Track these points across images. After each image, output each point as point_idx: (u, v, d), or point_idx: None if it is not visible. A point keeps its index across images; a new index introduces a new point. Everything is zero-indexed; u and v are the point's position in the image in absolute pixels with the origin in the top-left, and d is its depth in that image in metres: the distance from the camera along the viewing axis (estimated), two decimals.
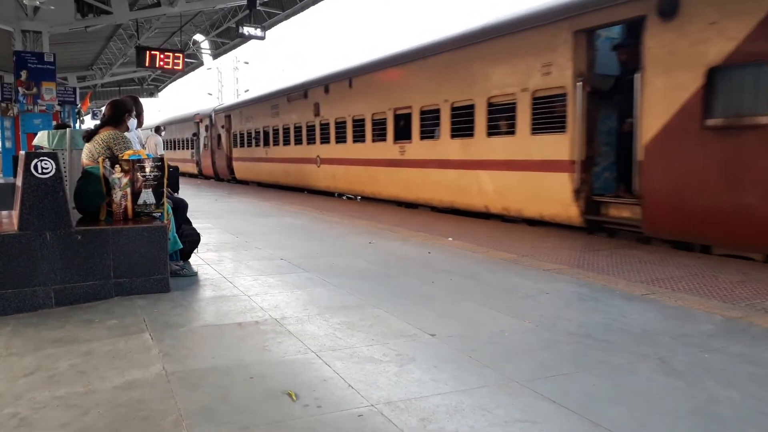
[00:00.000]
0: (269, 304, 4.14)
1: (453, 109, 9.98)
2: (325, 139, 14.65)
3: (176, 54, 15.44)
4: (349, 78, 13.53)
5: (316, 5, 16.90)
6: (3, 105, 18.16)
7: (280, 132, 17.51)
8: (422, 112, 10.84)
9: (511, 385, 2.71)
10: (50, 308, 4.00)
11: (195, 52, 24.50)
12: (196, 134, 26.02)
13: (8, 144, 17.11)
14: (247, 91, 47.02)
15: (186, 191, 14.05)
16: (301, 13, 17.60)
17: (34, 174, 3.97)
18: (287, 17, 17.80)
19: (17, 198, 4.12)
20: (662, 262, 5.80)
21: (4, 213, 5.10)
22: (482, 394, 2.60)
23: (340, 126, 13.89)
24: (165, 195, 4.61)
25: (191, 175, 27.36)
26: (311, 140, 15.43)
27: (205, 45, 23.61)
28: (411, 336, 3.41)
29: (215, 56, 24.80)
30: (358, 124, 13.05)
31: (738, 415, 2.42)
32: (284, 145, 17.31)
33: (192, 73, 30.65)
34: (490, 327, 3.62)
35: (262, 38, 15.25)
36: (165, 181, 4.59)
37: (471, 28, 9.92)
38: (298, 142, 16.28)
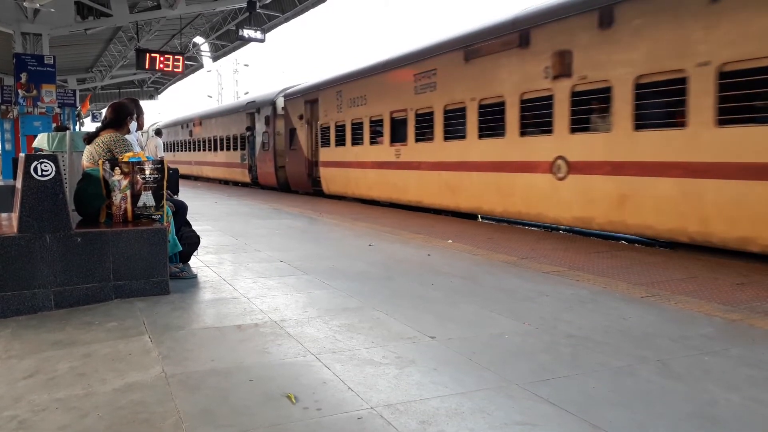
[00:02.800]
0: (269, 306, 4.14)
1: None
2: (580, 125, 7.57)
3: (176, 56, 15.49)
4: None
5: (315, 8, 16.94)
6: (3, 107, 18.19)
7: (437, 117, 10.27)
8: None
9: (511, 387, 2.71)
10: (50, 310, 3.99)
11: (195, 55, 24.55)
12: (251, 129, 19.50)
13: (8, 146, 17.14)
14: (247, 93, 46.97)
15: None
16: (301, 16, 17.62)
17: (33, 176, 3.97)
18: (287, 20, 17.84)
19: (17, 200, 4.12)
20: (662, 264, 5.80)
21: (4, 215, 5.09)
22: (482, 397, 2.60)
23: (662, 90, 6.63)
24: (165, 197, 4.61)
25: (242, 185, 20.99)
26: (536, 128, 8.30)
27: (204, 47, 23.66)
28: (411, 338, 3.41)
29: (215, 59, 24.85)
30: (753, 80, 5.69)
31: (738, 418, 2.42)
32: (448, 139, 10.09)
33: (192, 76, 30.73)
34: (490, 329, 3.62)
35: (261, 41, 15.30)
36: (165, 183, 4.59)
37: None
38: (491, 132, 9.15)
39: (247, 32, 14.98)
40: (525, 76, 8.39)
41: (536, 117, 8.30)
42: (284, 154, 17.31)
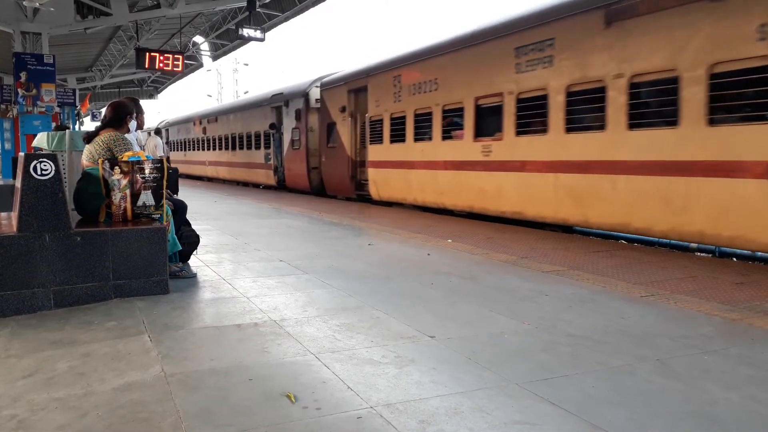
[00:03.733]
0: (268, 305, 4.14)
1: None
2: None
3: (176, 55, 15.47)
4: None
5: (315, 7, 16.93)
6: (2, 106, 18.18)
7: (554, 103, 7.77)
8: None
9: (510, 386, 2.71)
10: (49, 310, 3.99)
11: (194, 54, 24.54)
12: (276, 126, 17.54)
13: (8, 145, 17.12)
14: (247, 92, 46.97)
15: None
16: (301, 15, 17.57)
17: (33, 175, 3.97)
18: (287, 19, 17.84)
19: (16, 199, 4.12)
20: (662, 263, 5.80)
21: (4, 215, 5.09)
22: (481, 396, 2.60)
23: None
24: (164, 196, 4.61)
25: (264, 187, 19.05)
26: (739, 114, 5.99)
27: (204, 47, 23.65)
28: (410, 338, 3.41)
29: (215, 58, 24.86)
30: None
31: (737, 417, 2.42)
32: (573, 131, 7.63)
33: (191, 75, 30.76)
34: (490, 329, 3.62)
35: (261, 40, 15.27)
36: (164, 182, 4.59)
37: None
38: (652, 121, 6.82)
39: (246, 31, 14.95)
40: (719, 39, 5.96)
41: (739, 98, 5.99)
42: (318, 153, 15.42)
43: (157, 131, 17.01)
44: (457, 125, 9.85)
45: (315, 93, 15.60)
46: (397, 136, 11.54)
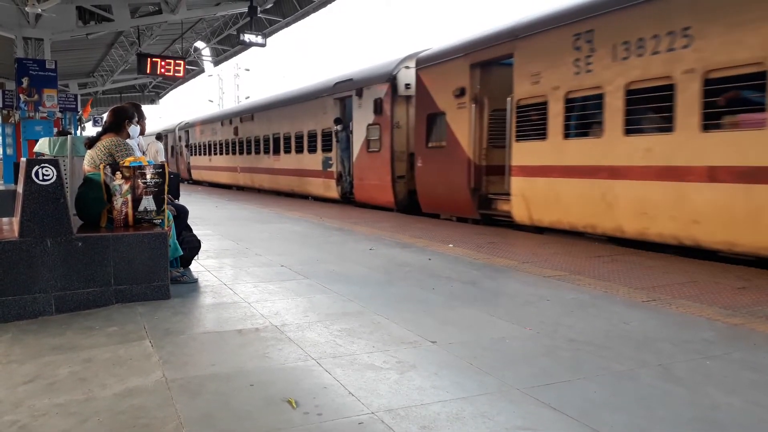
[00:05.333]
0: (269, 311, 4.14)
1: None
2: None
3: (177, 61, 15.51)
4: None
5: (316, 12, 16.98)
6: (4, 112, 18.21)
7: None
8: None
9: (512, 392, 2.70)
10: (50, 315, 3.99)
11: (196, 59, 24.62)
12: (341, 121, 13.91)
13: (9, 151, 17.15)
14: (248, 97, 47.11)
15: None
16: (302, 20, 17.59)
17: (35, 181, 3.98)
18: (288, 24, 17.88)
19: (18, 205, 4.13)
20: (663, 268, 5.79)
21: (5, 220, 5.10)
22: (483, 401, 2.59)
23: None
24: (166, 202, 4.62)
25: (313, 198, 15.47)
26: None
27: (206, 52, 23.72)
28: (411, 343, 3.41)
29: (216, 63, 24.90)
30: None
31: (739, 422, 2.41)
32: None
33: (193, 80, 30.68)
34: (491, 333, 3.61)
35: (262, 45, 15.30)
36: (166, 187, 4.60)
37: None
38: None
39: (248, 37, 14.99)
40: None
41: None
42: (406, 157, 11.97)
43: (159, 136, 17.02)
44: (749, 104, 5.85)
45: (405, 76, 11.83)
46: (581, 127, 7.70)
